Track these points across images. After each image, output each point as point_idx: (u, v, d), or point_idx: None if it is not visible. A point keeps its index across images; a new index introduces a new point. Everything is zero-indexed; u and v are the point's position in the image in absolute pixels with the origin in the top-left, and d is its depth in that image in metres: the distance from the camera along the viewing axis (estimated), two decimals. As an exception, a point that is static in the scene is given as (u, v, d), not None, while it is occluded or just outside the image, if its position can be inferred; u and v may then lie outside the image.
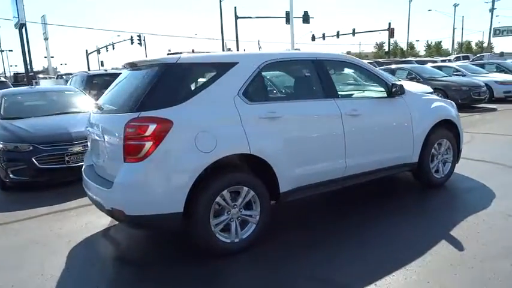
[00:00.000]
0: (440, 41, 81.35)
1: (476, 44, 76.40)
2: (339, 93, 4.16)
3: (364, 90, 4.74)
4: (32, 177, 5.65)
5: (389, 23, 44.71)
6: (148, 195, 3.08)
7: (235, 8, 32.19)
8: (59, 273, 3.30)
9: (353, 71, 4.54)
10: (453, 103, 5.34)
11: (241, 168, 3.48)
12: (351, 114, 4.00)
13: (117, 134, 3.17)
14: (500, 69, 15.91)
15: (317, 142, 3.83)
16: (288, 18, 35.67)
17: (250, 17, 34.39)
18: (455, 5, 59.28)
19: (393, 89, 4.38)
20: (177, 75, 3.28)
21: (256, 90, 3.58)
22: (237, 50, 35.57)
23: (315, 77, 3.98)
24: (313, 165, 3.79)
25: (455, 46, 71.77)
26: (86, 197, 5.21)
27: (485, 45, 66.55)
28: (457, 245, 3.41)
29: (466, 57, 33.78)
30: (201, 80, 3.46)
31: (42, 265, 3.46)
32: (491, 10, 51.24)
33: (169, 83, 3.22)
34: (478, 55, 35.34)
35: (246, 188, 3.41)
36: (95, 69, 38.51)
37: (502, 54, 38.07)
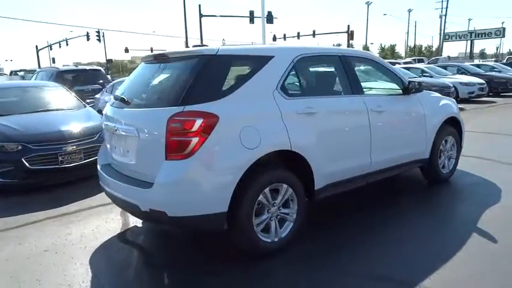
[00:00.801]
0: (395, 44, 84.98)
1: (425, 48, 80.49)
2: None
3: (380, 88, 4.77)
4: (21, 179, 5.19)
5: (348, 26, 46.05)
6: (193, 195, 2.89)
7: (199, 5, 31.75)
8: (89, 283, 3.03)
9: (371, 67, 4.54)
10: (455, 101, 5.52)
11: (280, 165, 3.36)
12: (376, 111, 4.01)
13: (156, 130, 2.96)
14: (461, 71, 16.83)
15: (348, 138, 3.80)
16: (251, 17, 35.77)
17: (215, 16, 34.08)
18: (410, 11, 62.26)
19: (410, 86, 4.45)
20: (218, 68, 3.11)
21: (292, 85, 3.49)
22: (201, 48, 35.06)
23: (343, 73, 3.94)
24: (344, 161, 3.75)
25: (408, 50, 75.35)
26: (84, 199, 5.01)
27: (433, 49, 70.41)
28: (489, 237, 3.49)
29: (420, 60, 35.49)
30: (240, 73, 3.30)
31: (65, 275, 3.16)
32: (441, 16, 54.21)
33: (211, 75, 3.05)
34: (433, 58, 37.15)
35: (285, 186, 3.31)
36: (45, 66, 36.42)
37: (448, 58, 40.56)
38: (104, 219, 4.32)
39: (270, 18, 36.96)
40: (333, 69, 4.00)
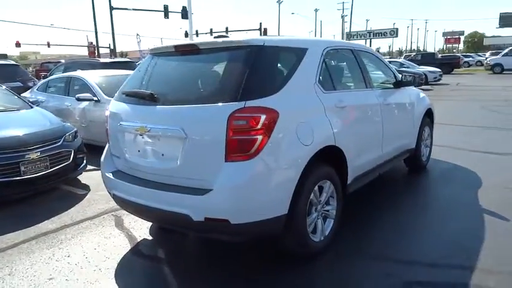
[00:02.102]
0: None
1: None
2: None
3: (379, 81, 4.89)
4: (-26, 195, 4.28)
5: (261, 23, 47.07)
6: (258, 198, 2.64)
7: (109, -3, 29.58)
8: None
9: (372, 62, 4.63)
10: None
11: (324, 162, 3.25)
12: (384, 104, 4.11)
13: (213, 128, 2.63)
14: (403, 65, 21.25)
15: (368, 131, 3.84)
16: (166, 12, 34.50)
17: (127, 9, 32.11)
18: (316, 10, 65.78)
19: (403, 80, 4.64)
20: (269, 60, 2.88)
21: (325, 78, 3.38)
22: (113, 43, 32.88)
23: (357, 67, 3.96)
24: (365, 154, 3.77)
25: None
26: (59, 214, 4.32)
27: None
28: (496, 215, 3.80)
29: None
30: (286, 66, 3.08)
31: (98, 304, 2.67)
32: (343, 16, 58.20)
33: (264, 68, 2.81)
34: None
35: (328, 183, 3.21)
36: None
37: None
38: (101, 235, 3.77)
39: (185, 14, 36.09)
40: (350, 63, 3.98)
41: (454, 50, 76.49)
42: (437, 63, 26.31)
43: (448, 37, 77.38)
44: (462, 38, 78.09)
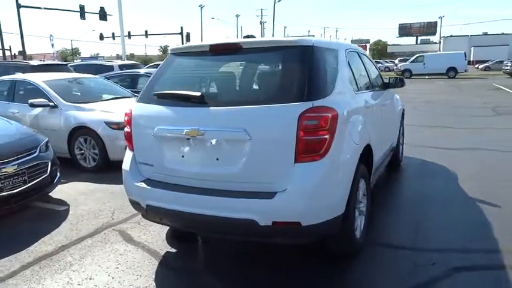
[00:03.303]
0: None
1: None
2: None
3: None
4: None
5: (182, 27, 46.21)
6: (327, 198, 2.62)
7: (17, -6, 26.78)
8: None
9: (368, 64, 4.81)
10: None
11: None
12: (382, 104, 4.35)
13: (282, 129, 2.56)
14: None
15: (378, 130, 4.01)
16: (82, 12, 32.26)
17: (39, 8, 29.34)
18: (237, 16, 66.65)
19: (390, 82, 4.94)
20: (320, 60, 2.86)
21: (352, 79, 3.47)
22: (22, 45, 29.77)
23: (364, 69, 4.12)
24: (378, 152, 3.94)
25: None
26: (50, 233, 3.81)
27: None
28: (487, 203, 4.22)
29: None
30: (331, 66, 3.07)
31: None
32: (262, 23, 59.90)
33: (319, 68, 2.79)
34: None
35: (363, 180, 3.29)
36: None
37: None
38: (116, 252, 3.42)
39: (103, 15, 34.09)
40: (359, 65, 4.11)
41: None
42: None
43: (357, 44, 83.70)
44: (368, 45, 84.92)
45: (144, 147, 3.04)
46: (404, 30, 78.12)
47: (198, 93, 2.78)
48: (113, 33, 46.97)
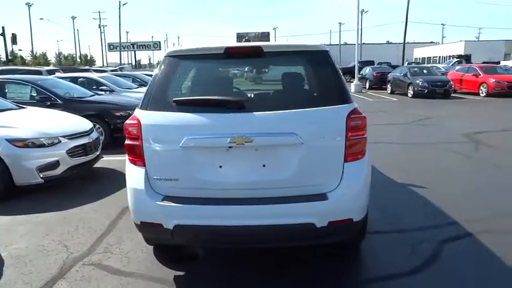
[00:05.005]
0: (46, 52, 79.90)
1: (79, 57, 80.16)
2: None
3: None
4: None
5: (3, 27, 39.64)
6: (367, 192, 2.78)
7: None
8: None
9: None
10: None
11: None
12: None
13: (334, 130, 2.61)
14: None
15: None
16: None
17: None
18: (73, 18, 60.32)
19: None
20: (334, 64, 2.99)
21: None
22: None
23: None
24: None
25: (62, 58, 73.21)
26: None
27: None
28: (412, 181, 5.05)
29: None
30: None
31: None
32: (101, 26, 56.08)
33: (340, 72, 2.92)
34: (120, 66, 38.28)
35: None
36: None
37: (133, 66, 43.47)
38: (116, 282, 2.89)
39: None
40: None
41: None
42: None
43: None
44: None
45: (163, 161, 2.67)
46: (242, 38, 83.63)
47: (237, 98, 2.60)
48: None
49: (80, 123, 5.77)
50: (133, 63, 53.98)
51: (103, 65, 54.05)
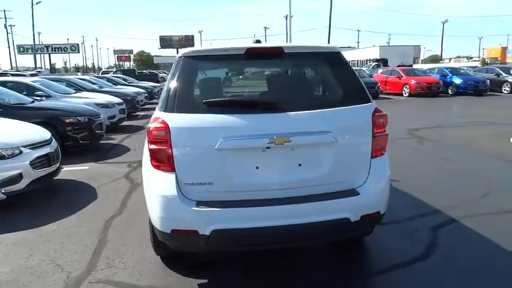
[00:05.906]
0: None
1: None
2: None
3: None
4: None
5: None
6: (389, 185, 2.93)
7: None
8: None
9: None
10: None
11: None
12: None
13: (362, 128, 2.72)
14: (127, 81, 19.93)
15: None
16: None
17: None
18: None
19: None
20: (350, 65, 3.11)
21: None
22: None
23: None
24: None
25: None
26: None
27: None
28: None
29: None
30: None
31: None
32: (8, 26, 51.26)
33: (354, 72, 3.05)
34: (36, 71, 34.90)
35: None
36: None
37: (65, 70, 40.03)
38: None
39: None
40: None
41: (127, 67, 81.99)
42: (140, 79, 27.22)
43: (119, 55, 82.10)
44: (132, 56, 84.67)
45: (196, 165, 2.56)
46: (165, 42, 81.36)
47: (270, 98, 2.60)
48: None
49: (39, 132, 5.26)
50: (49, 67, 49.90)
51: (11, 68, 49.28)
